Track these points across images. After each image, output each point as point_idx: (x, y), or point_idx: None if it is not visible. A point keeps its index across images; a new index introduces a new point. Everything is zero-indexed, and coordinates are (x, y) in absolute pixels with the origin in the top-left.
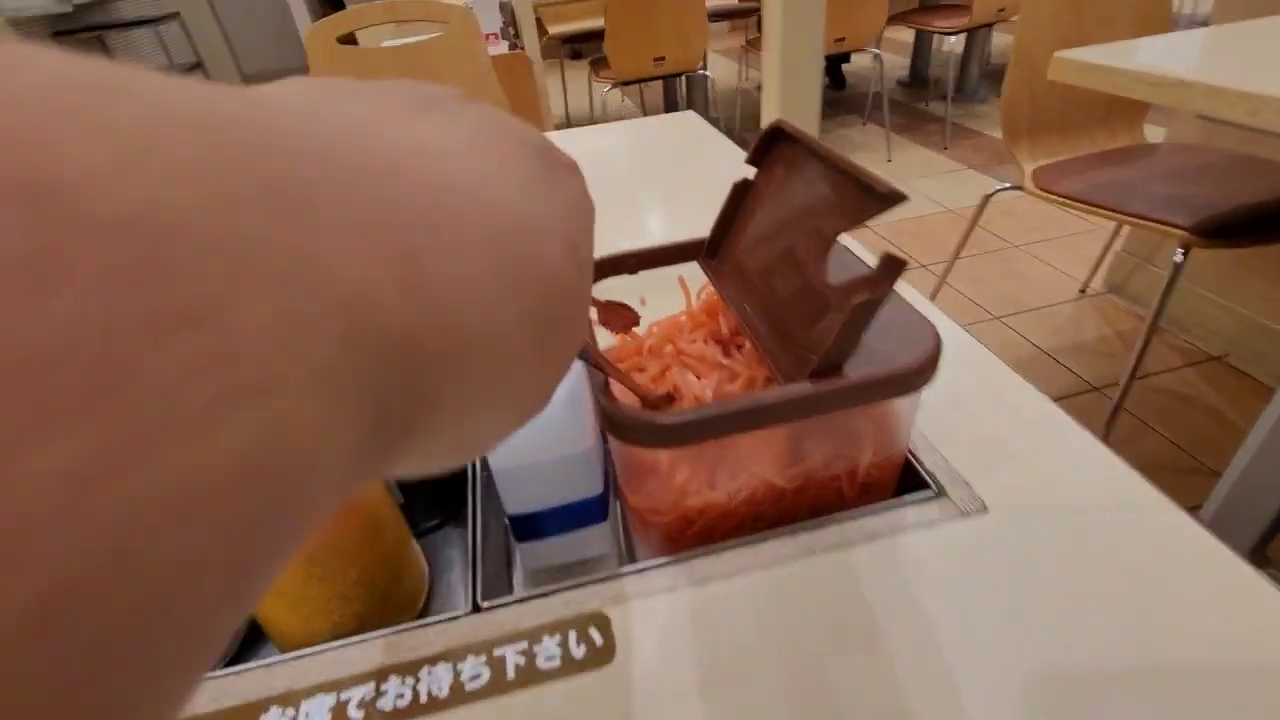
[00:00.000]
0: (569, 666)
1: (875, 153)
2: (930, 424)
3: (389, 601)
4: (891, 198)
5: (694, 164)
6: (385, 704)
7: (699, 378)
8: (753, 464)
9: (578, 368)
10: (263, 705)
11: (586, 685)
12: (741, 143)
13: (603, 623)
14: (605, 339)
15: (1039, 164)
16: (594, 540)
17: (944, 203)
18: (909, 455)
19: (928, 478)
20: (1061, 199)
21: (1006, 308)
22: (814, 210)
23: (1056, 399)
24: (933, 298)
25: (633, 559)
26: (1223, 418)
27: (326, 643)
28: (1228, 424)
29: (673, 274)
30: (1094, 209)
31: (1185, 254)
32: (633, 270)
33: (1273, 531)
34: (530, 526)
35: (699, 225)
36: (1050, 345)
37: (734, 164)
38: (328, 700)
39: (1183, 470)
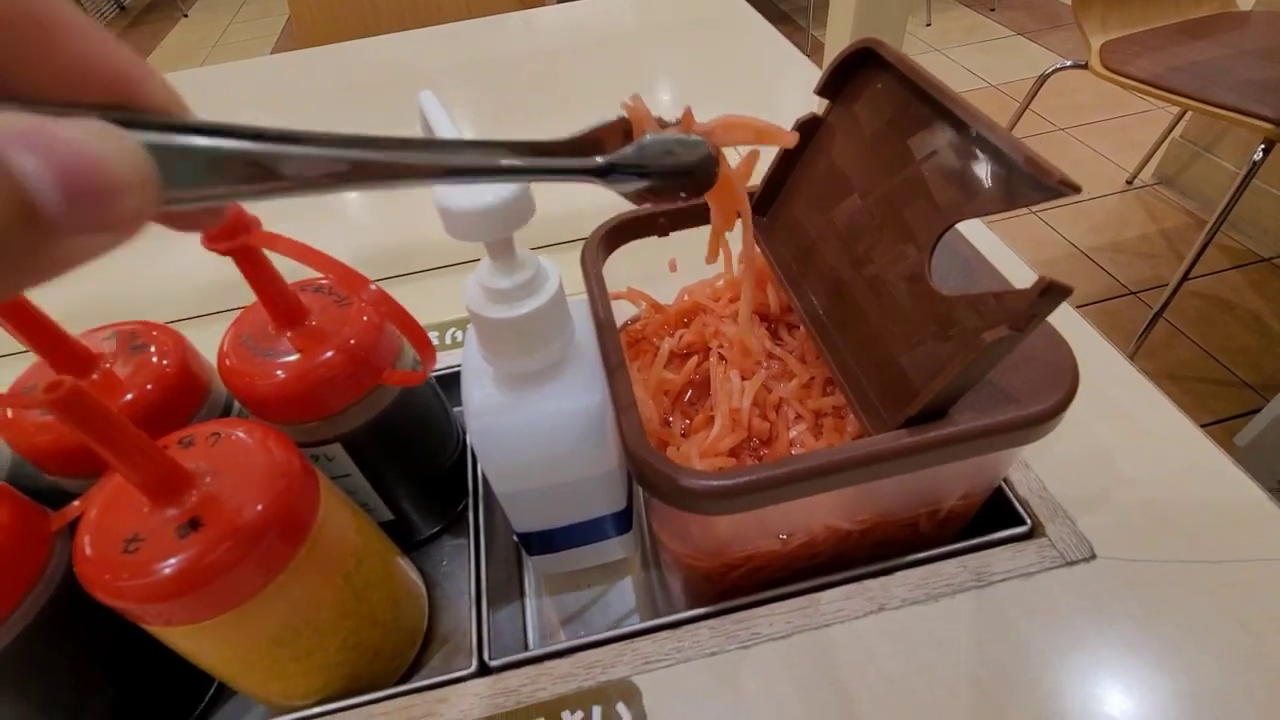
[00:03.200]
0: None
1: (913, 14)
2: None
3: (382, 656)
4: (1063, 188)
5: (732, 46)
6: None
7: (742, 378)
8: (816, 513)
9: (598, 381)
10: None
11: None
12: (777, 17)
13: (631, 696)
14: (620, 310)
15: (1110, 36)
16: (614, 548)
17: (988, 77)
18: (1003, 487)
19: (1020, 508)
20: (1134, 82)
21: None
22: (921, 180)
23: (1089, 303)
24: None
25: (656, 571)
26: (1264, 327)
27: (316, 706)
28: (1269, 333)
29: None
30: (1171, 96)
31: (1268, 150)
32: (664, 232)
33: None
34: (541, 542)
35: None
36: (1088, 243)
37: (780, 61)
38: None
39: (1213, 381)
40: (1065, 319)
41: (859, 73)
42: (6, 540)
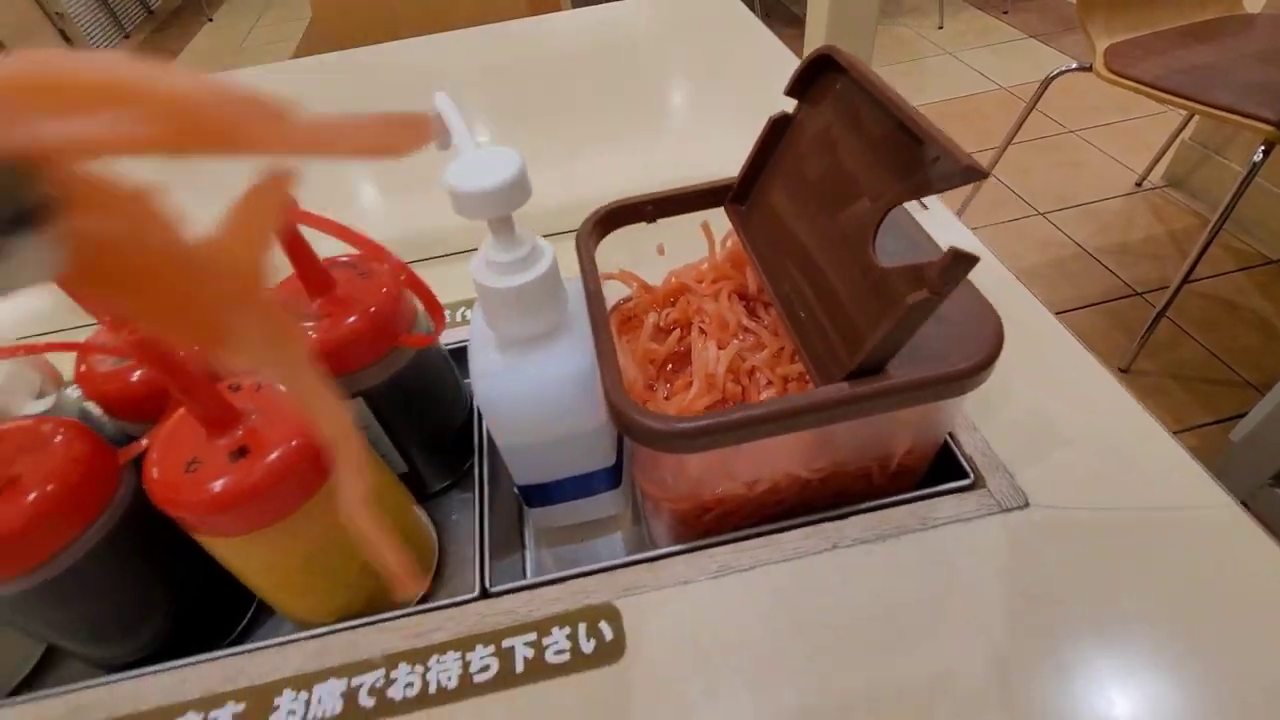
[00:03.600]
0: (578, 662)
1: (925, 17)
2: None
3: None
4: (969, 174)
5: (732, 56)
6: (395, 693)
7: (719, 347)
8: (776, 460)
9: (589, 348)
10: (277, 688)
11: (595, 682)
12: (789, 20)
13: (613, 616)
14: (614, 291)
15: (1115, 40)
16: (606, 503)
17: (999, 79)
18: (947, 438)
19: (965, 463)
20: (1135, 84)
21: (1053, 202)
22: (868, 169)
23: (1092, 304)
24: (973, 194)
25: (644, 523)
26: (1269, 327)
27: (338, 622)
28: (1273, 334)
29: (696, 220)
30: (1171, 97)
31: (1267, 152)
32: (651, 218)
33: None
34: (540, 495)
35: (726, 155)
36: (1095, 244)
37: (773, 66)
38: (339, 685)
39: (1215, 381)
40: (1029, 307)
41: (821, 76)
42: (82, 470)
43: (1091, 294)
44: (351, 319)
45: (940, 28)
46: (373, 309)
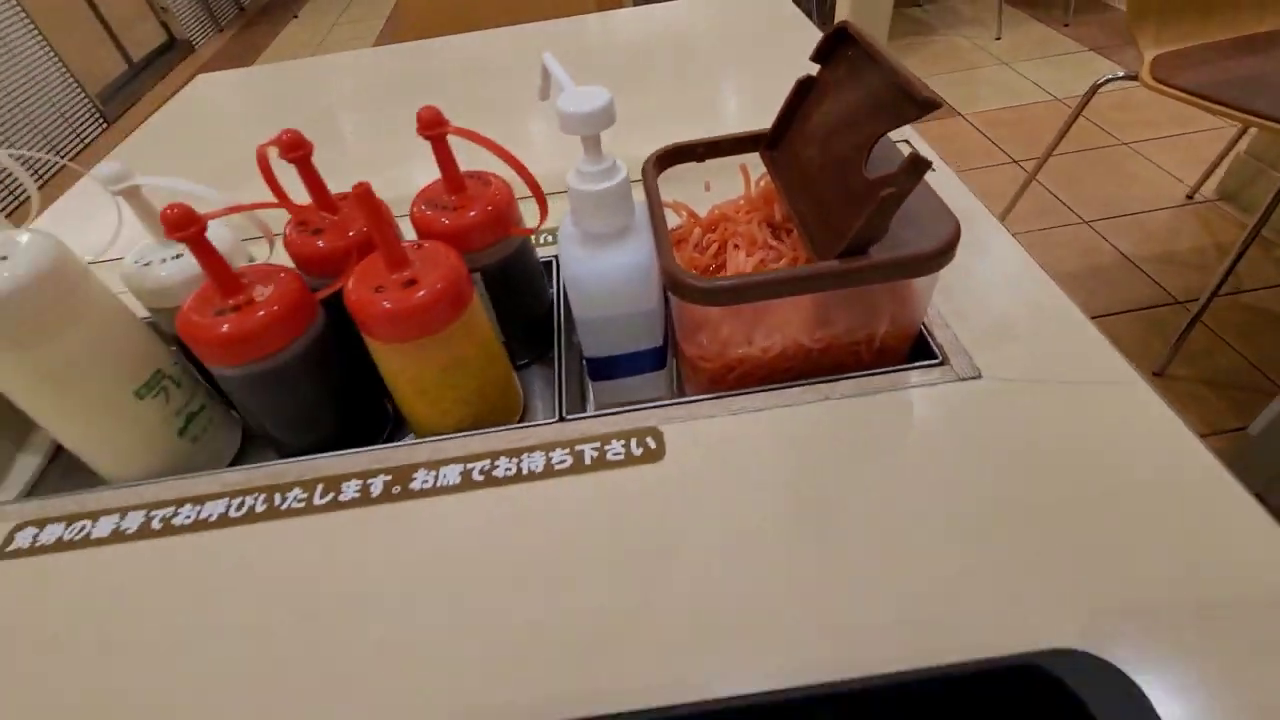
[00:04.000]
0: (630, 460)
1: (984, 28)
2: (947, 302)
3: (497, 410)
4: (926, 105)
5: (773, 48)
6: (498, 473)
7: (747, 255)
8: (785, 326)
9: (650, 248)
10: (413, 468)
11: (642, 472)
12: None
13: (657, 435)
14: (670, 219)
15: (1164, 50)
16: (653, 385)
17: (1053, 90)
18: (923, 329)
19: (936, 349)
20: (1178, 93)
21: (1098, 211)
22: (864, 110)
23: (1131, 310)
24: (1016, 199)
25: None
26: None
27: (453, 433)
28: None
29: (736, 162)
30: (1214, 106)
31: None
32: (700, 158)
33: None
34: (603, 367)
35: (769, 114)
36: (1139, 254)
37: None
38: (458, 468)
39: (1250, 389)
40: (991, 234)
41: (839, 46)
42: (295, 299)
43: (1131, 301)
44: (473, 212)
45: (998, 39)
46: (489, 206)
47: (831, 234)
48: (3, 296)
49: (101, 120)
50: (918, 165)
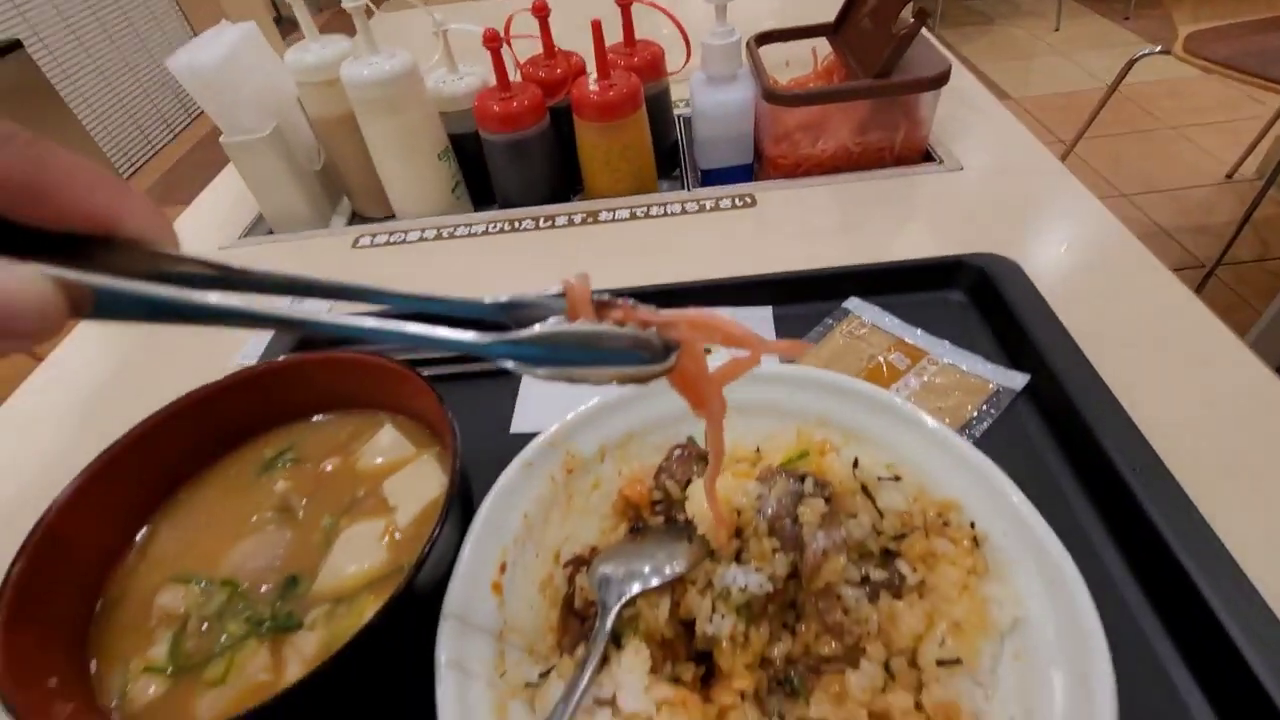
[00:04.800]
0: (736, 209)
1: (1042, 19)
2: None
3: (648, 182)
4: None
5: None
6: (653, 213)
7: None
8: (837, 132)
9: (751, 91)
10: (600, 210)
11: (743, 214)
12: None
13: (751, 196)
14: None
15: (1199, 27)
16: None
17: (1106, 79)
18: (928, 147)
19: (935, 158)
20: (1208, 63)
21: (1138, 186)
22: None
23: None
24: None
25: None
26: None
27: (618, 198)
28: None
29: (808, 45)
30: (1238, 75)
31: None
32: (784, 39)
33: None
34: (713, 177)
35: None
36: (1172, 224)
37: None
38: (626, 210)
39: None
40: (986, 107)
41: None
42: (536, 101)
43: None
44: (638, 59)
45: (1056, 30)
46: (650, 56)
47: (872, 61)
48: (388, 79)
49: None
50: (919, 16)
